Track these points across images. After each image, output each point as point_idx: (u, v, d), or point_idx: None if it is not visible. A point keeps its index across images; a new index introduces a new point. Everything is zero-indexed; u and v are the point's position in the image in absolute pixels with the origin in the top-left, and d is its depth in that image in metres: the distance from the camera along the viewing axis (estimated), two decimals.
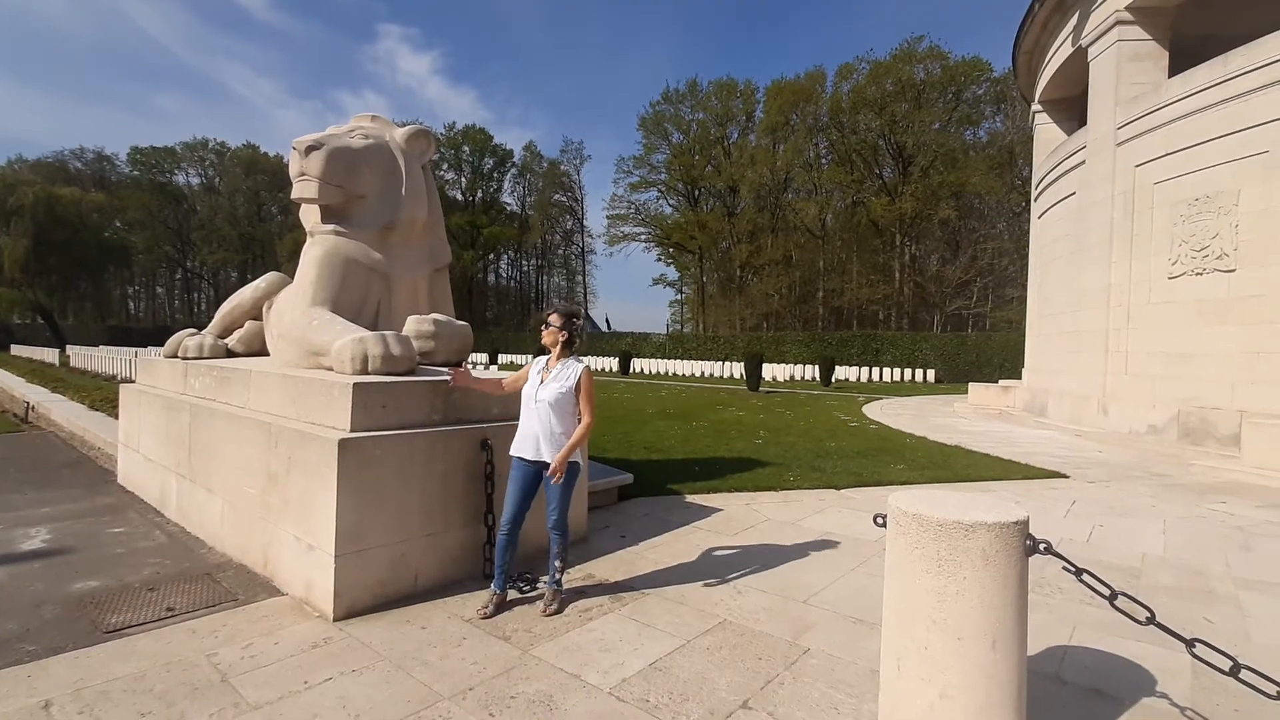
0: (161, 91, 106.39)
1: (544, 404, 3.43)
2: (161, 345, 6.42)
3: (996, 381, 18.32)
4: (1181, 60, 10.93)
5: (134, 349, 21.39)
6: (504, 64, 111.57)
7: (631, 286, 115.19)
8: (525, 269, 72.13)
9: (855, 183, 44.49)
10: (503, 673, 2.78)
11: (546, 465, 3.43)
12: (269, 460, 3.81)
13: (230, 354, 5.81)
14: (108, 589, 3.70)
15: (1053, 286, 13.90)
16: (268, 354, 5.79)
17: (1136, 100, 10.79)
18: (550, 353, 3.62)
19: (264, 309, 5.89)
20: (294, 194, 4.56)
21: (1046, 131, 15.74)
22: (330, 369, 4.01)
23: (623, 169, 53.85)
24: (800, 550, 4.54)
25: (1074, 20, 12.71)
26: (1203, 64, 9.61)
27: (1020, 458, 8.53)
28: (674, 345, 41.87)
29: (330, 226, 4.67)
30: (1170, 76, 10.57)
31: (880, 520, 2.38)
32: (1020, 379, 17.31)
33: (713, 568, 4.15)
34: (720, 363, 32.80)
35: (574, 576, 3.95)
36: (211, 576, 3.92)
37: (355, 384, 3.45)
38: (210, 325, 6.06)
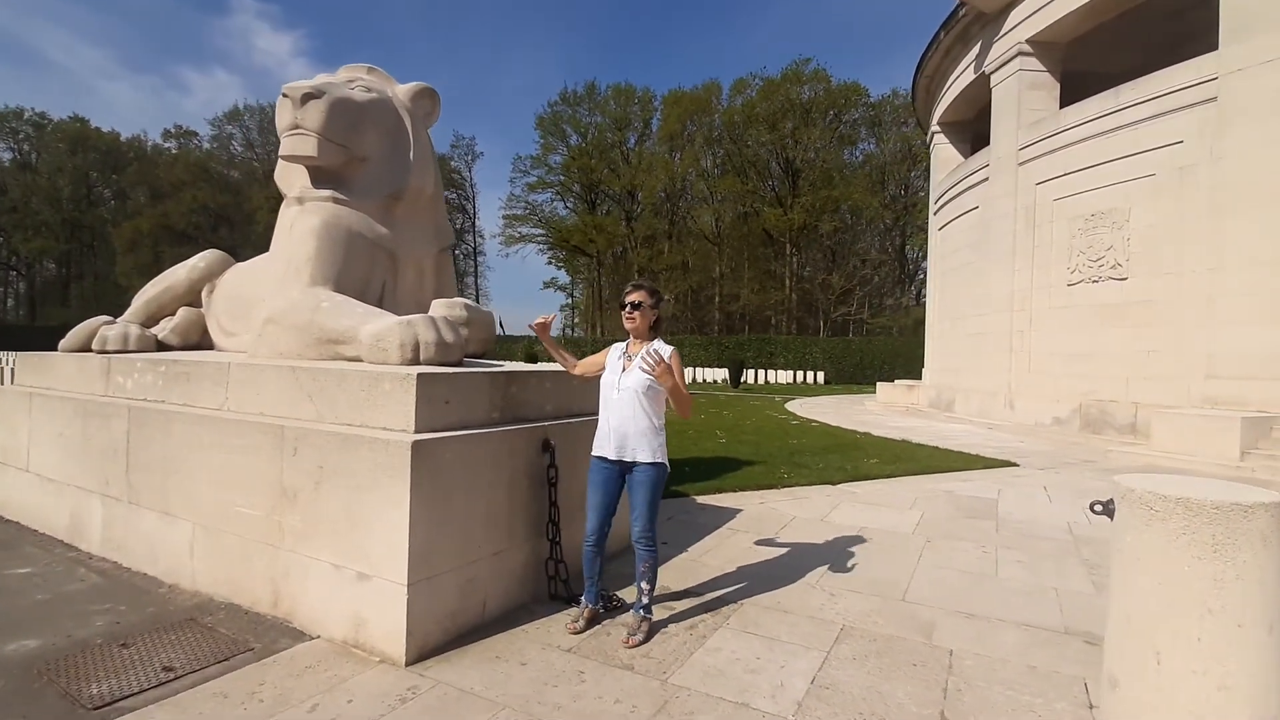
0: None
1: (630, 391, 2.99)
2: None
3: (891, 381, 19.68)
4: (1066, 92, 12.28)
5: None
6: (377, 51, 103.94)
7: (525, 289, 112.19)
8: None
9: (749, 193, 46.38)
10: (659, 709, 2.35)
11: (631, 466, 3.02)
12: (282, 472, 3.07)
13: (162, 346, 4.76)
14: (58, 649, 2.79)
15: (956, 293, 15.10)
16: (211, 346, 4.83)
17: (1037, 124, 11.97)
18: (629, 339, 3.24)
19: (204, 293, 4.91)
20: (284, 150, 3.78)
21: (944, 151, 17.15)
22: (355, 359, 3.33)
23: (520, 168, 52.55)
24: (849, 546, 4.42)
25: (976, 50, 13.93)
26: (1095, 95, 10.82)
27: (961, 448, 9.07)
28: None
29: (327, 192, 3.93)
30: (1061, 107, 11.84)
31: (1098, 507, 2.25)
32: (912, 379, 18.72)
33: (781, 571, 3.90)
34: None
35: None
36: (197, 622, 3.09)
37: (420, 374, 2.84)
38: (129, 312, 4.95)
